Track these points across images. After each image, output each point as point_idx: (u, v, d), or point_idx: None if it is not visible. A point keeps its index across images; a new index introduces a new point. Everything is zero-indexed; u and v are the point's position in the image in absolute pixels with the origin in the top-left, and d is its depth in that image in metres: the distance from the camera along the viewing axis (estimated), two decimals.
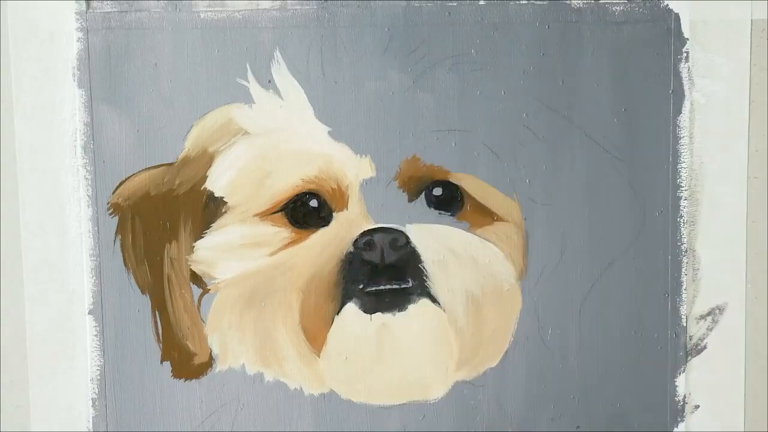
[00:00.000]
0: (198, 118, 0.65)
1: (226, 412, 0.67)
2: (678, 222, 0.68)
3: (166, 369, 0.66)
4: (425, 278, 0.65)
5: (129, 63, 0.64)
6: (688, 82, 0.67)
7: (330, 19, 0.65)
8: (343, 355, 0.66)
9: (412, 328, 0.65)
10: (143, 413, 0.66)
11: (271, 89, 0.65)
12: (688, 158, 0.67)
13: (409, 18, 0.65)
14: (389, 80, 0.65)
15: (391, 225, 0.65)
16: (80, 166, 0.65)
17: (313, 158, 0.65)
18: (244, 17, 0.64)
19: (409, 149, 0.65)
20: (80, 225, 0.65)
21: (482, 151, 0.66)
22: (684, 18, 0.66)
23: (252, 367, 0.66)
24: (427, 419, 0.67)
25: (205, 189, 0.65)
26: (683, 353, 0.68)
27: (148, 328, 0.66)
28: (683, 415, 0.69)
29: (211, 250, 0.65)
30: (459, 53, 0.65)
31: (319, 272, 0.65)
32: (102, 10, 0.64)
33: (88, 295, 0.65)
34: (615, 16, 0.66)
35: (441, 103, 0.65)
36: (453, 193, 0.66)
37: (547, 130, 0.66)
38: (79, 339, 0.66)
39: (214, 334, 0.66)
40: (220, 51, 0.64)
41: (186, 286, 0.65)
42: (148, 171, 0.65)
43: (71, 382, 0.66)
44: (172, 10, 0.64)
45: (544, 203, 0.67)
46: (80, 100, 0.64)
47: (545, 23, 0.66)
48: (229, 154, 0.65)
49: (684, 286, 0.68)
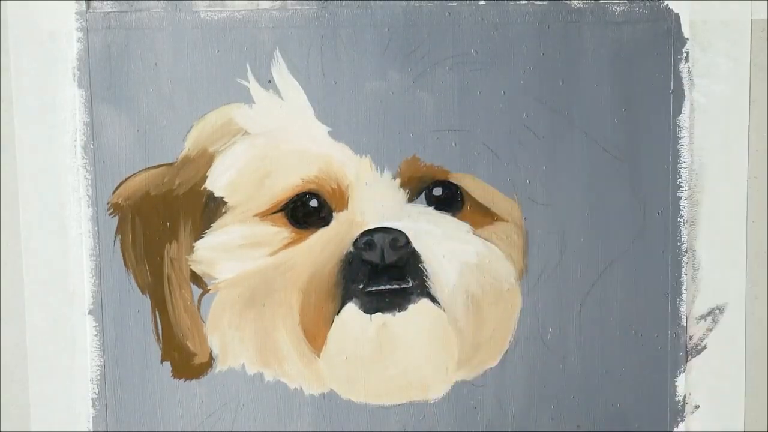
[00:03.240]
0: (198, 118, 0.65)
1: (226, 412, 0.67)
2: (678, 222, 0.68)
3: (166, 369, 0.66)
4: (425, 278, 0.65)
5: (129, 63, 0.64)
6: (688, 82, 0.67)
7: (330, 19, 0.65)
8: (343, 355, 0.66)
9: (412, 328, 0.66)
10: (143, 413, 0.66)
11: (271, 89, 0.65)
12: (688, 158, 0.67)
13: (409, 18, 0.65)
14: (389, 80, 0.65)
15: (391, 225, 0.65)
16: (80, 166, 0.65)
17: (313, 158, 0.65)
18: (244, 17, 0.64)
19: (409, 149, 0.65)
20: (80, 225, 0.65)
21: (482, 151, 0.66)
22: (684, 18, 0.66)
23: (252, 367, 0.66)
24: (427, 419, 0.67)
25: (205, 189, 0.65)
26: (683, 353, 0.68)
27: (148, 328, 0.66)
28: (683, 415, 0.69)
29: (211, 250, 0.65)
30: (459, 53, 0.65)
31: (319, 272, 0.65)
32: (102, 10, 0.64)
33: (88, 295, 0.65)
34: (615, 16, 0.66)
35: (441, 103, 0.65)
36: (453, 193, 0.66)
37: (547, 130, 0.66)
38: (79, 339, 0.66)
39: (214, 334, 0.66)
40: (220, 51, 0.64)
41: (186, 286, 0.66)
42: (148, 171, 0.65)
43: (71, 382, 0.66)
44: (172, 10, 0.64)
45: (544, 203, 0.67)
46: (80, 100, 0.64)
47: (545, 23, 0.66)
48: (229, 154, 0.65)
49: (684, 286, 0.68)
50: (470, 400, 0.68)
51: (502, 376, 0.68)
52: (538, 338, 0.67)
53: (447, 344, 0.66)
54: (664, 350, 0.68)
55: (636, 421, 0.69)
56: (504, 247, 0.66)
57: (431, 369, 0.67)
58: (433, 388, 0.67)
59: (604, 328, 0.68)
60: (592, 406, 0.68)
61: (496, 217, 0.66)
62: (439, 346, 0.66)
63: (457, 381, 0.67)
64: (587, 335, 0.68)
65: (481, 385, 0.67)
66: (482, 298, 0.66)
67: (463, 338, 0.66)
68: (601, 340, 0.68)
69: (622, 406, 0.68)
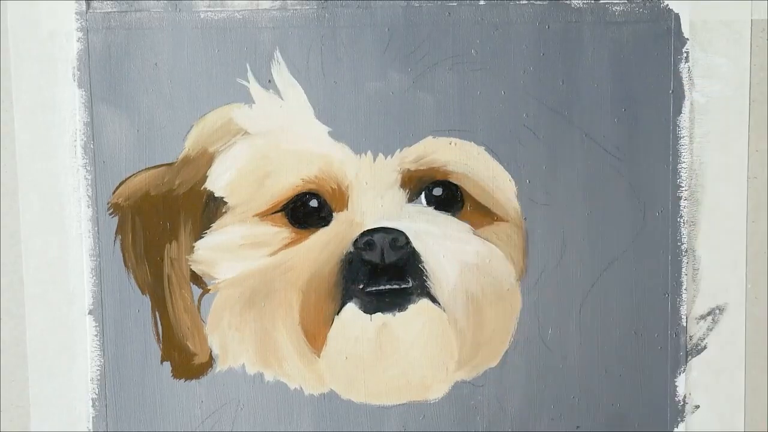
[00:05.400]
0: (198, 118, 0.65)
1: (226, 412, 0.67)
2: (678, 222, 0.68)
3: (166, 369, 0.66)
4: (425, 278, 0.65)
5: (129, 63, 0.64)
6: (688, 82, 0.67)
7: (330, 19, 0.65)
8: (343, 355, 0.66)
9: (412, 328, 0.66)
10: (143, 413, 0.66)
11: (271, 89, 0.65)
12: (688, 158, 0.67)
13: (409, 18, 0.65)
14: (389, 80, 0.65)
15: (391, 225, 0.65)
16: (80, 166, 0.65)
17: (313, 158, 0.65)
18: (244, 17, 0.64)
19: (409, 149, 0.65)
20: (80, 225, 0.65)
21: (482, 151, 0.66)
22: (684, 18, 0.66)
23: (252, 367, 0.66)
24: (427, 419, 0.67)
25: (205, 189, 0.65)
26: (683, 353, 0.68)
27: (148, 328, 0.66)
28: (683, 415, 0.69)
29: (211, 250, 0.65)
30: (459, 53, 0.65)
31: (319, 272, 0.65)
32: (102, 10, 0.64)
33: (88, 295, 0.65)
34: (615, 16, 0.66)
35: (441, 103, 0.65)
36: (453, 193, 0.66)
37: (547, 130, 0.66)
38: (79, 339, 0.66)
39: (214, 334, 0.66)
40: (220, 51, 0.64)
41: (186, 286, 0.66)
42: (148, 171, 0.65)
43: (71, 382, 0.66)
44: (172, 10, 0.64)
45: (544, 203, 0.67)
46: (80, 100, 0.64)
47: (545, 23, 0.66)
48: (229, 155, 0.65)
49: (684, 286, 0.68)
50: (470, 400, 0.68)
51: (502, 376, 0.68)
52: (538, 338, 0.67)
53: (447, 344, 0.66)
54: (664, 350, 0.68)
55: (636, 421, 0.69)
56: (504, 247, 0.66)
57: (431, 369, 0.67)
58: (433, 389, 0.67)
59: (604, 328, 0.68)
60: (592, 406, 0.68)
61: (496, 217, 0.66)
62: (439, 346, 0.66)
63: (457, 381, 0.67)
64: (587, 335, 0.68)
65: (481, 385, 0.67)
66: (482, 298, 0.66)
67: (463, 338, 0.66)
68: (601, 340, 0.68)
69: (622, 406, 0.68)
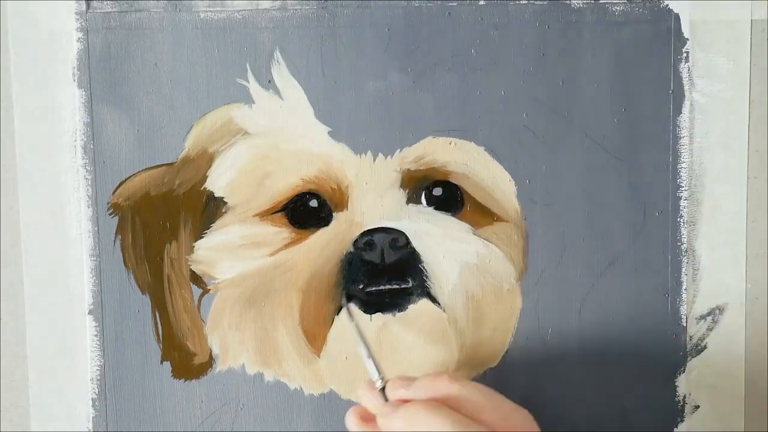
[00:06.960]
0: (198, 118, 0.65)
1: (226, 412, 0.67)
2: (678, 222, 0.68)
3: (166, 369, 0.66)
4: (425, 278, 0.65)
5: (129, 63, 0.64)
6: (688, 82, 0.67)
7: (330, 19, 0.65)
8: (343, 355, 0.66)
9: (412, 328, 0.65)
10: (143, 413, 0.66)
11: (271, 89, 0.65)
12: (688, 158, 0.67)
13: (409, 18, 0.65)
14: (389, 80, 0.65)
15: (391, 225, 0.65)
16: (80, 166, 0.65)
17: (313, 158, 0.65)
18: (244, 17, 0.64)
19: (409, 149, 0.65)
20: (80, 225, 0.65)
21: (482, 152, 0.66)
22: (684, 18, 0.66)
23: (252, 367, 0.66)
24: None
25: (205, 189, 0.65)
26: (683, 353, 0.68)
27: (148, 328, 0.66)
28: (683, 415, 0.69)
29: (211, 250, 0.65)
30: (459, 53, 0.65)
31: (319, 272, 0.65)
32: (102, 10, 0.64)
33: (88, 295, 0.65)
34: (615, 16, 0.66)
35: (441, 103, 0.65)
36: (453, 193, 0.66)
37: (547, 130, 0.66)
38: (79, 339, 0.66)
39: (214, 334, 0.66)
40: (220, 51, 0.64)
41: (186, 286, 0.66)
42: (148, 171, 0.65)
43: (71, 382, 0.66)
44: (172, 10, 0.64)
45: (544, 203, 0.67)
46: (80, 100, 0.64)
47: (545, 23, 0.66)
48: (229, 155, 0.65)
49: (684, 286, 0.68)
50: None
51: (502, 376, 0.67)
52: (538, 338, 0.67)
53: (447, 344, 0.66)
54: (664, 350, 0.68)
55: (636, 421, 0.68)
56: (504, 247, 0.66)
57: (431, 369, 0.66)
58: None
59: (604, 328, 0.68)
60: (592, 406, 0.68)
61: (496, 217, 0.66)
62: (439, 346, 0.66)
63: None
64: (587, 335, 0.68)
65: None
66: (482, 298, 0.66)
67: (463, 338, 0.66)
68: (601, 340, 0.68)
69: (622, 406, 0.68)
